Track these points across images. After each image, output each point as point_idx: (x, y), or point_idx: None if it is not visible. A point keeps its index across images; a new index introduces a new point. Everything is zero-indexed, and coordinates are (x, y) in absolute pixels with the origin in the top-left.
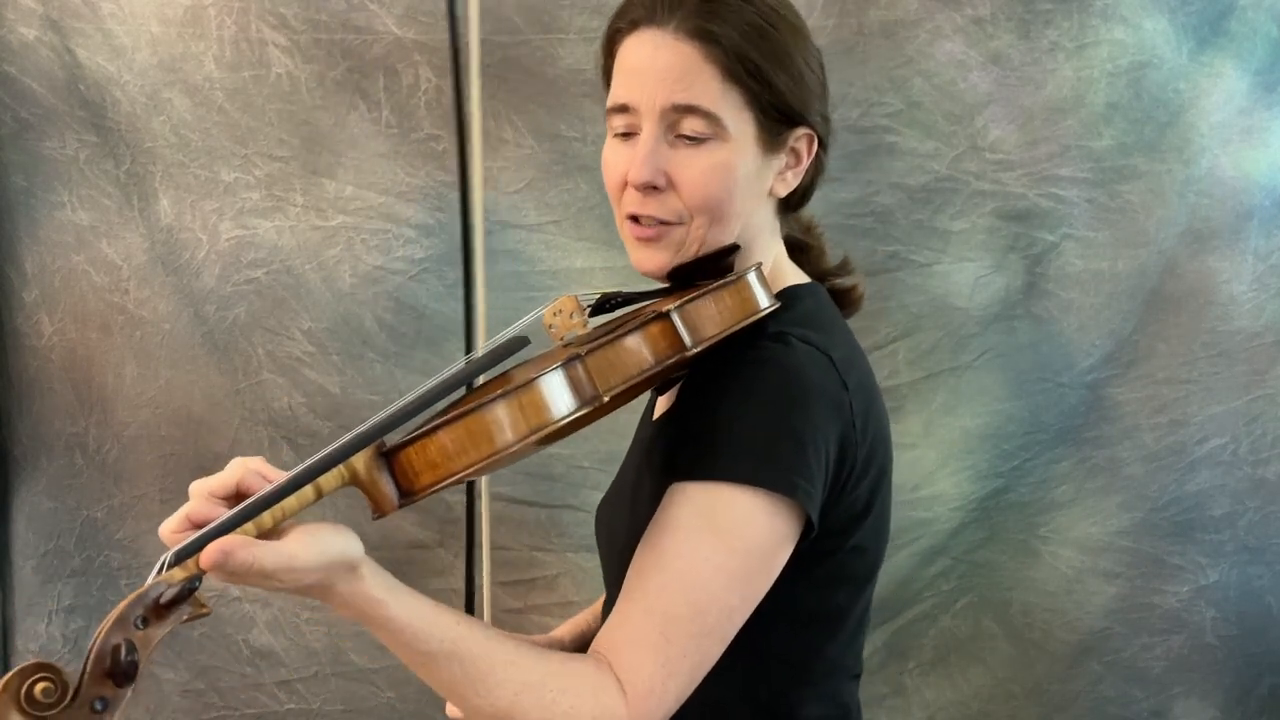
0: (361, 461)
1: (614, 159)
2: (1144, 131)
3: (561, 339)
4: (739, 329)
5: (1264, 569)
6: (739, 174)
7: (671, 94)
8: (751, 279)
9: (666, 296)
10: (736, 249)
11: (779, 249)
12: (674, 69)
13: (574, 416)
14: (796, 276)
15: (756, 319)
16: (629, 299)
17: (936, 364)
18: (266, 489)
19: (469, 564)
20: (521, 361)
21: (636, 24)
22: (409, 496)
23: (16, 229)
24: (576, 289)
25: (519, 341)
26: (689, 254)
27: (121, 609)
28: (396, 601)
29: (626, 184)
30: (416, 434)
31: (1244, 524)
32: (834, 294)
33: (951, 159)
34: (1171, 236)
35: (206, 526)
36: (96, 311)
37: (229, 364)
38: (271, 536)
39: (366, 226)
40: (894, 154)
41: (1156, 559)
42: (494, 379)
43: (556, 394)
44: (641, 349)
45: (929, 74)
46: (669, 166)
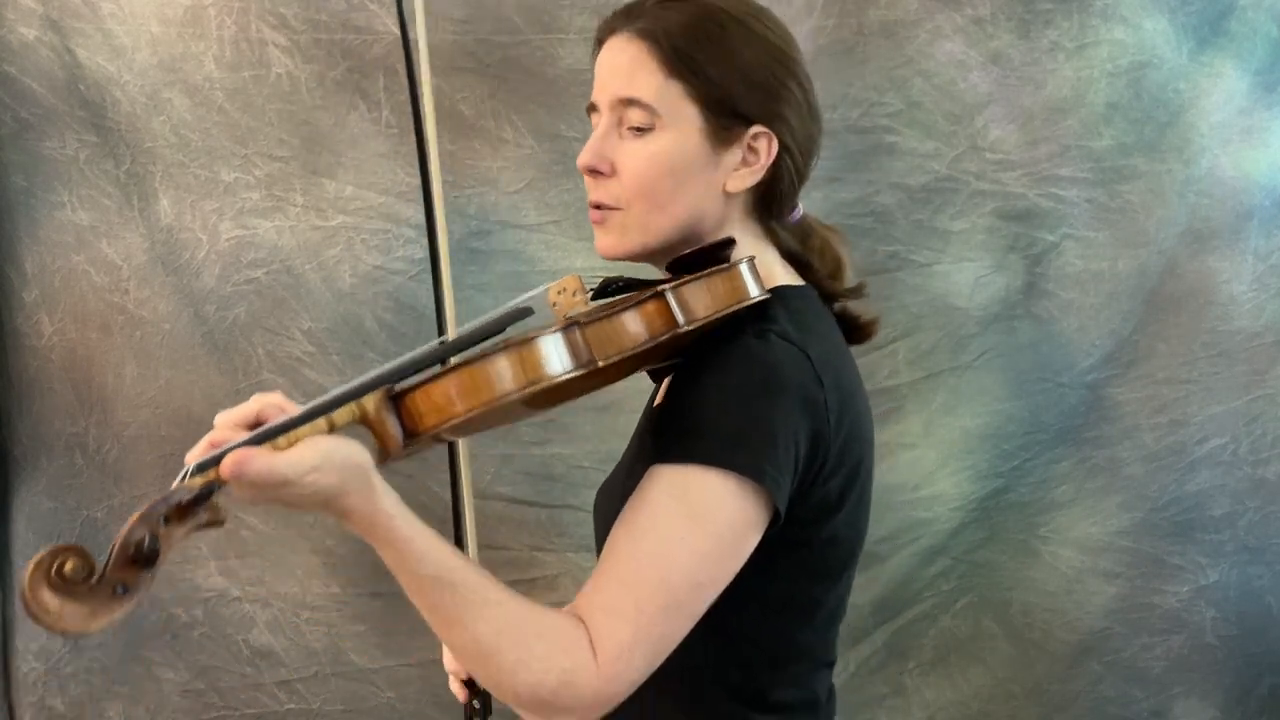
0: (372, 401)
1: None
2: (1144, 131)
3: (564, 315)
4: (729, 313)
5: (1264, 569)
6: (678, 163)
7: (619, 88)
8: (743, 268)
9: (667, 281)
10: (732, 242)
11: (769, 253)
12: (622, 66)
13: (568, 376)
14: (788, 279)
15: (746, 305)
16: (630, 284)
17: (936, 364)
18: (283, 417)
19: None
20: (526, 331)
21: (609, 32)
22: (413, 438)
23: (16, 229)
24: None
25: (524, 311)
26: (636, 241)
27: (146, 508)
28: (405, 519)
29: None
30: (422, 379)
31: (1244, 524)
32: (843, 320)
33: (951, 159)
34: (1171, 236)
35: (235, 441)
36: (96, 311)
37: (229, 364)
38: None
39: (366, 226)
40: (894, 154)
41: (1156, 559)
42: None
43: (554, 353)
44: (637, 323)
45: (929, 74)
46: (615, 155)
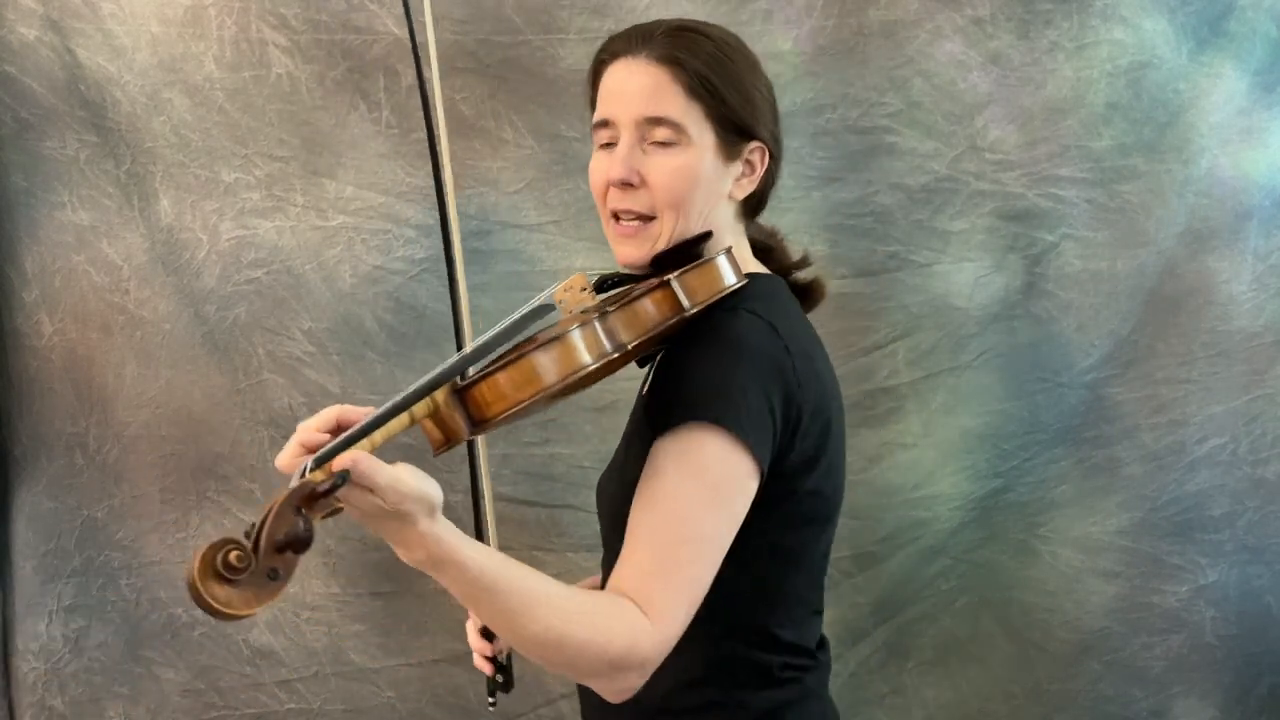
0: (442, 395)
1: (597, 167)
2: (1143, 131)
3: (572, 310)
4: (718, 296)
5: (1263, 569)
6: (700, 175)
7: (644, 108)
8: (724, 259)
9: (658, 274)
10: (709, 235)
11: (745, 248)
12: (646, 87)
13: (602, 362)
14: (757, 269)
15: (730, 289)
16: (624, 279)
17: (936, 364)
18: (370, 416)
19: None
20: (546, 327)
21: (616, 55)
22: (480, 425)
23: (16, 229)
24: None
25: (546, 307)
26: (660, 248)
27: (283, 499)
28: (464, 542)
29: (608, 188)
30: (482, 374)
31: (1243, 524)
32: (798, 288)
33: (951, 159)
34: (1171, 236)
35: (336, 439)
36: (97, 311)
37: (229, 364)
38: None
39: (366, 226)
40: (894, 154)
41: (1156, 559)
42: (526, 339)
43: (587, 344)
44: (650, 310)
45: (929, 74)
46: (642, 168)
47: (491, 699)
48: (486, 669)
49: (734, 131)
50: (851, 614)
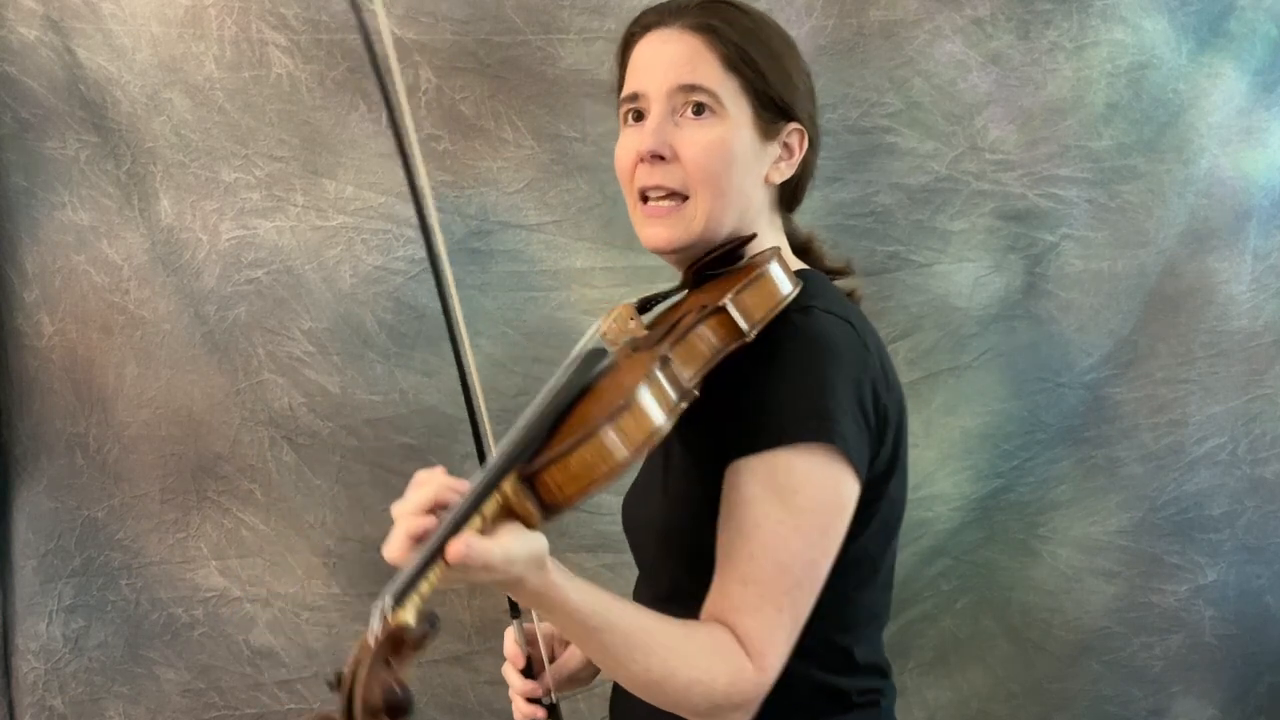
0: (510, 486)
1: (625, 144)
2: (1143, 132)
3: (622, 342)
4: (778, 311)
5: (1263, 568)
6: (736, 151)
7: (678, 76)
8: (775, 268)
9: (700, 289)
10: (752, 238)
11: (784, 242)
12: (680, 55)
13: (675, 418)
14: (798, 264)
15: (789, 299)
16: (655, 299)
17: (936, 364)
18: (462, 501)
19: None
20: (600, 369)
21: (648, 28)
22: (554, 510)
23: (17, 229)
24: (579, 289)
25: (597, 354)
26: (696, 231)
27: (370, 655)
28: (571, 587)
29: (637, 164)
30: (552, 457)
31: (1243, 523)
32: None
33: (951, 159)
34: (1171, 237)
35: (435, 534)
36: (97, 311)
37: (229, 364)
38: (486, 532)
39: (366, 226)
40: (894, 154)
41: (1155, 558)
42: (584, 392)
43: (658, 400)
44: (708, 339)
45: (929, 74)
46: (674, 140)
47: None
48: (538, 713)
49: (772, 109)
50: None
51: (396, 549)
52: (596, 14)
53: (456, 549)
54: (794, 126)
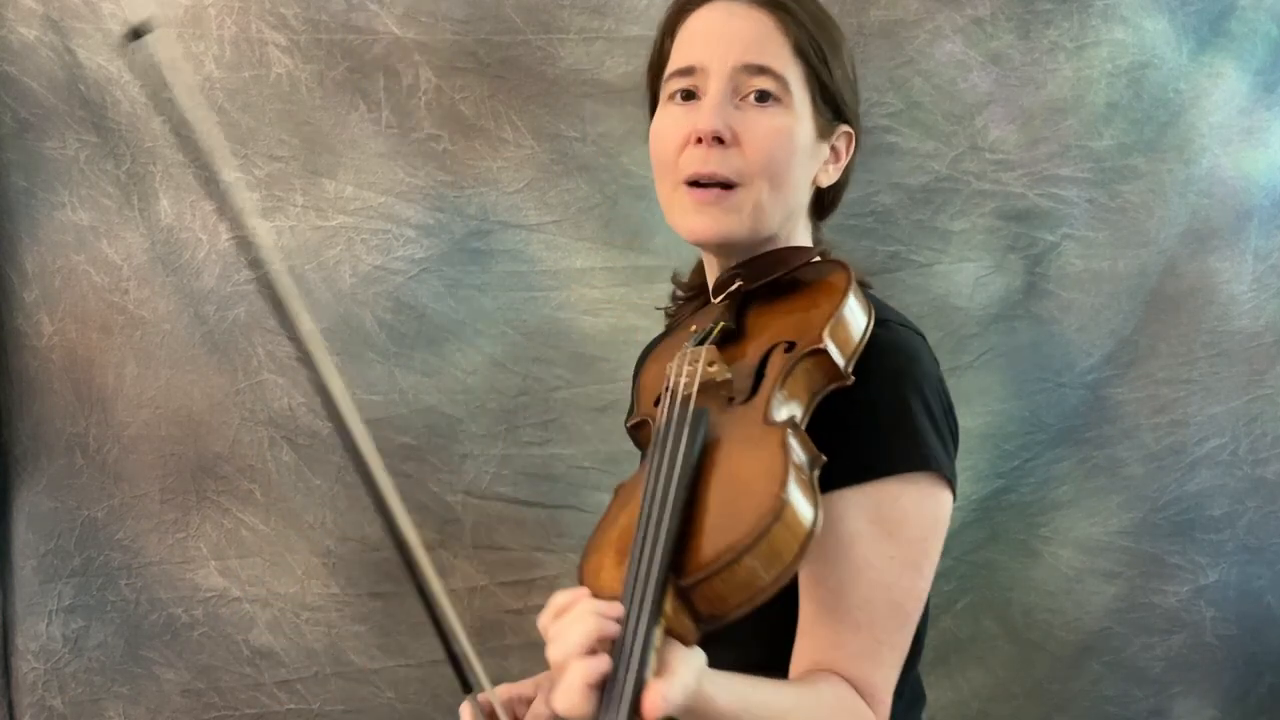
0: (669, 606)
1: (671, 123)
2: (1144, 131)
3: (703, 384)
4: (866, 341)
5: (1264, 569)
6: (799, 143)
7: (745, 54)
8: (858, 289)
9: (758, 312)
10: (814, 252)
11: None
12: (748, 31)
13: (817, 483)
14: None
15: (872, 326)
16: (728, 332)
17: None
18: (631, 637)
19: None
20: (708, 434)
21: None
22: (713, 622)
23: (16, 229)
24: (579, 289)
25: (700, 416)
26: (747, 224)
27: None
28: (716, 691)
29: (685, 146)
30: (709, 570)
31: (1244, 524)
32: None
33: (951, 159)
34: (1172, 236)
35: (626, 681)
36: (97, 311)
37: (229, 364)
38: (660, 670)
39: (366, 226)
40: (894, 154)
41: (1156, 559)
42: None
43: (804, 492)
44: (809, 387)
45: (929, 74)
46: (734, 123)
47: None
48: None
49: (829, 106)
50: None
51: (578, 701)
52: (596, 14)
53: (654, 706)
54: (845, 129)
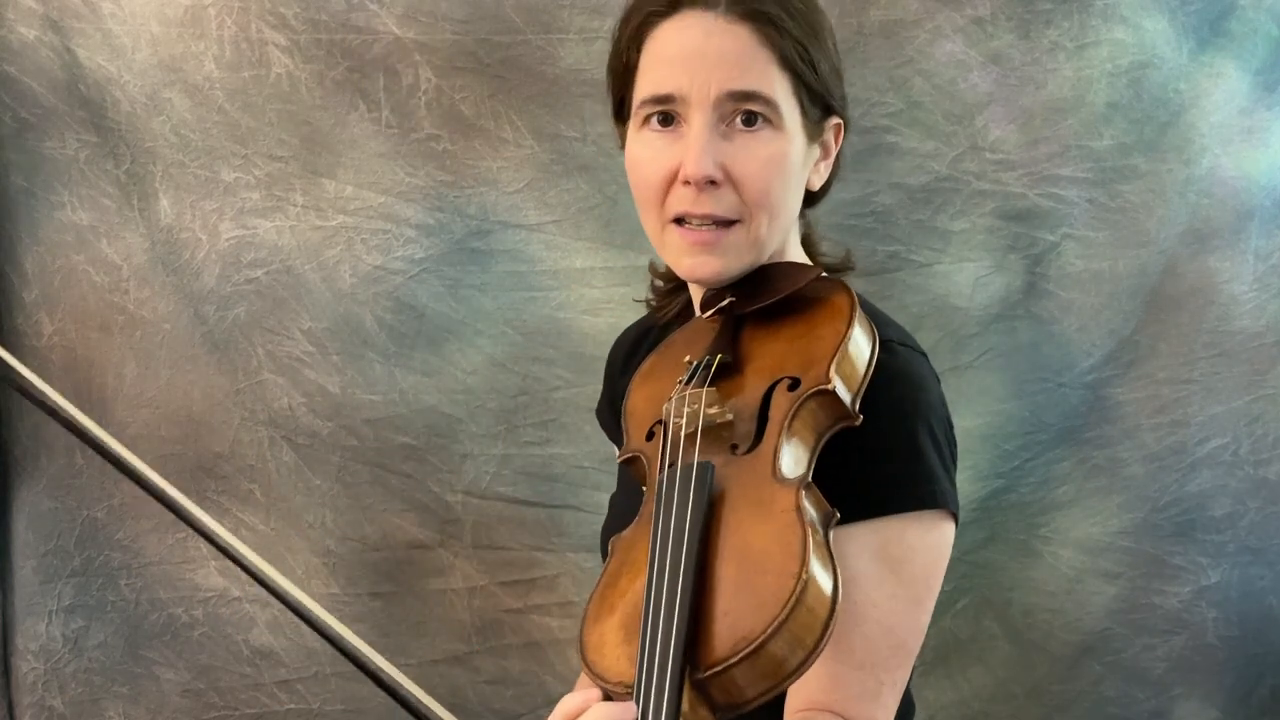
0: (688, 702)
1: (652, 155)
2: (1144, 131)
3: (703, 428)
4: (871, 373)
5: (1265, 569)
6: (793, 163)
7: (728, 80)
8: (863, 317)
9: (753, 336)
10: (820, 274)
11: (799, 246)
12: (729, 53)
13: (832, 545)
14: (802, 257)
15: (877, 355)
16: (726, 365)
17: (937, 364)
18: None
19: None
20: (714, 490)
21: (677, 5)
22: (731, 711)
23: (16, 229)
24: (579, 289)
25: (705, 470)
26: (747, 261)
27: None
28: None
29: (671, 183)
30: (728, 660)
31: (1245, 524)
32: None
33: (951, 159)
34: (1172, 236)
35: None
36: (96, 311)
37: (229, 364)
38: None
39: (366, 226)
40: (894, 154)
41: (1157, 559)
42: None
43: (823, 563)
44: (814, 429)
45: (929, 74)
46: (724, 158)
47: None
48: None
49: (818, 107)
50: None
51: None
52: (596, 14)
53: None
54: (834, 121)
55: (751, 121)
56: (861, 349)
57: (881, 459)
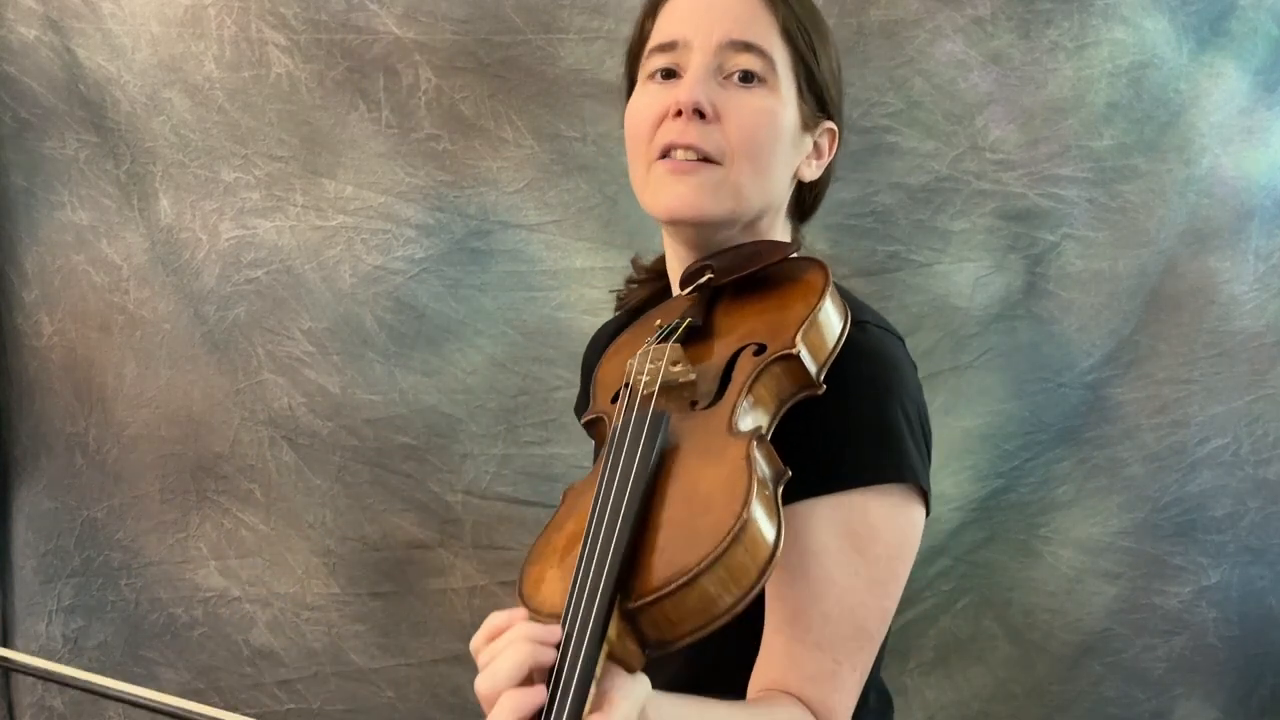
0: (614, 630)
1: (648, 101)
2: (1144, 131)
3: (664, 386)
4: (840, 347)
5: (1266, 569)
6: (783, 127)
7: (730, 30)
8: (835, 290)
9: (726, 309)
10: (795, 248)
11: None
12: (734, 7)
13: (780, 500)
14: None
15: (848, 331)
16: (695, 329)
17: (937, 364)
18: (570, 669)
19: None
20: (667, 440)
21: None
22: (661, 648)
23: (16, 229)
24: (579, 289)
25: (659, 419)
26: (726, 205)
27: None
28: (659, 716)
29: (662, 120)
30: (660, 593)
31: (1245, 524)
32: None
33: (951, 159)
34: (1172, 236)
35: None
36: (96, 311)
37: (229, 364)
38: (599, 703)
39: (366, 226)
40: (894, 154)
41: (1158, 559)
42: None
43: (767, 509)
44: (777, 393)
45: (929, 74)
46: (717, 100)
47: None
48: None
49: (815, 97)
50: None
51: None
52: (596, 14)
53: None
54: (829, 125)
55: (748, 79)
56: (832, 322)
57: (850, 432)
